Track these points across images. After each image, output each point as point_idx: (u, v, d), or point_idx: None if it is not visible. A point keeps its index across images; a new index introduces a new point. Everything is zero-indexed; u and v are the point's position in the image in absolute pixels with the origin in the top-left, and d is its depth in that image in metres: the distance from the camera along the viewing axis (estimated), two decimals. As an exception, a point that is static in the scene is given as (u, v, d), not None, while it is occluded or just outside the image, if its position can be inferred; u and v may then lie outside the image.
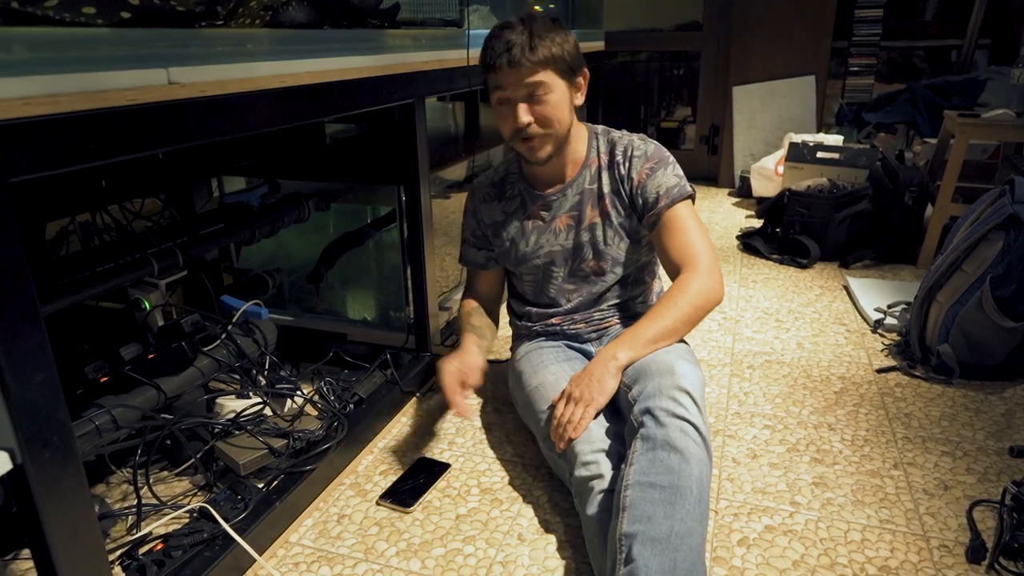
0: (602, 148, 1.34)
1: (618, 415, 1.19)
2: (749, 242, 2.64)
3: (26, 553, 1.10)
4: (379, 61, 1.28)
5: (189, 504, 1.19)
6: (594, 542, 1.03)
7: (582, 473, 1.10)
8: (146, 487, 1.24)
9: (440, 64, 1.51)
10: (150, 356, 1.21)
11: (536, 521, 1.20)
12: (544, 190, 1.36)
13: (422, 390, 1.64)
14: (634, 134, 1.35)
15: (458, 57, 1.59)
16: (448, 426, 1.50)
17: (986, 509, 1.20)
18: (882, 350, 1.82)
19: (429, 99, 1.52)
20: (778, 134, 3.48)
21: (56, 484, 0.76)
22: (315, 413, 1.39)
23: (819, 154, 2.81)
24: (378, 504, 1.25)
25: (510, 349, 1.55)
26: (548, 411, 1.23)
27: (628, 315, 1.42)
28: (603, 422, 1.16)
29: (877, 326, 1.94)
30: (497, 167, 1.47)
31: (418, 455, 1.38)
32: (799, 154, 2.85)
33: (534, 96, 1.20)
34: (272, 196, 1.65)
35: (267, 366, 1.41)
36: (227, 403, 1.32)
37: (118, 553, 1.05)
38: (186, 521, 1.12)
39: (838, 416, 1.50)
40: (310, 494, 1.24)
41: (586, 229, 1.34)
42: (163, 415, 1.20)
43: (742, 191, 3.48)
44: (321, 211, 1.65)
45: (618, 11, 3.65)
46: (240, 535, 1.06)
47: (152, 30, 0.82)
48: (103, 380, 1.16)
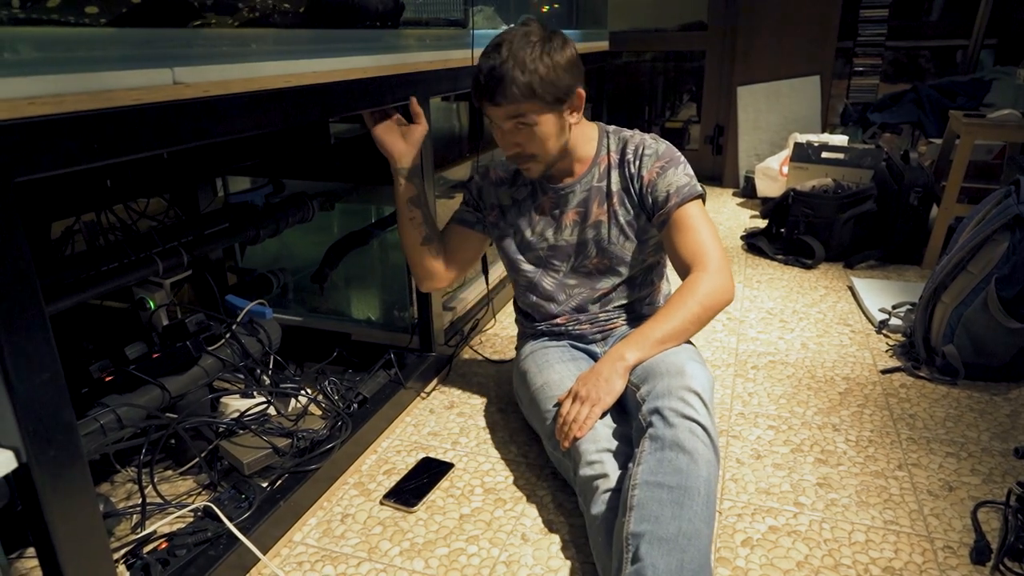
0: (612, 146, 1.34)
1: (624, 416, 1.19)
2: (753, 242, 2.64)
3: (31, 551, 1.10)
4: (383, 61, 1.28)
5: (193, 503, 1.19)
6: (598, 542, 1.03)
7: (587, 472, 1.09)
8: (150, 486, 1.24)
9: (444, 64, 1.52)
10: (155, 355, 1.21)
11: (540, 521, 1.20)
12: (554, 184, 1.36)
13: (426, 389, 1.64)
14: (646, 134, 1.34)
15: (462, 57, 1.59)
16: (452, 426, 1.50)
17: (991, 510, 1.19)
18: (887, 351, 1.81)
19: (433, 99, 1.53)
20: (783, 134, 3.47)
21: (61, 483, 0.76)
22: (319, 413, 1.39)
23: (824, 154, 2.80)
24: (382, 504, 1.25)
25: (515, 348, 1.56)
26: (553, 410, 1.23)
27: (634, 316, 1.42)
28: (609, 422, 1.16)
29: (882, 327, 1.94)
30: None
31: (422, 455, 1.39)
32: (804, 154, 2.85)
33: (520, 125, 1.21)
34: (277, 196, 1.65)
35: (271, 365, 1.42)
36: (231, 402, 1.32)
37: (122, 552, 1.06)
38: (190, 520, 1.12)
39: (842, 417, 1.50)
40: (314, 493, 1.24)
41: (591, 226, 1.34)
42: (167, 414, 1.20)
43: (747, 191, 3.47)
44: (326, 211, 1.65)
45: (622, 11, 3.64)
46: (244, 534, 1.06)
47: (156, 30, 0.82)
48: (108, 379, 1.17)
